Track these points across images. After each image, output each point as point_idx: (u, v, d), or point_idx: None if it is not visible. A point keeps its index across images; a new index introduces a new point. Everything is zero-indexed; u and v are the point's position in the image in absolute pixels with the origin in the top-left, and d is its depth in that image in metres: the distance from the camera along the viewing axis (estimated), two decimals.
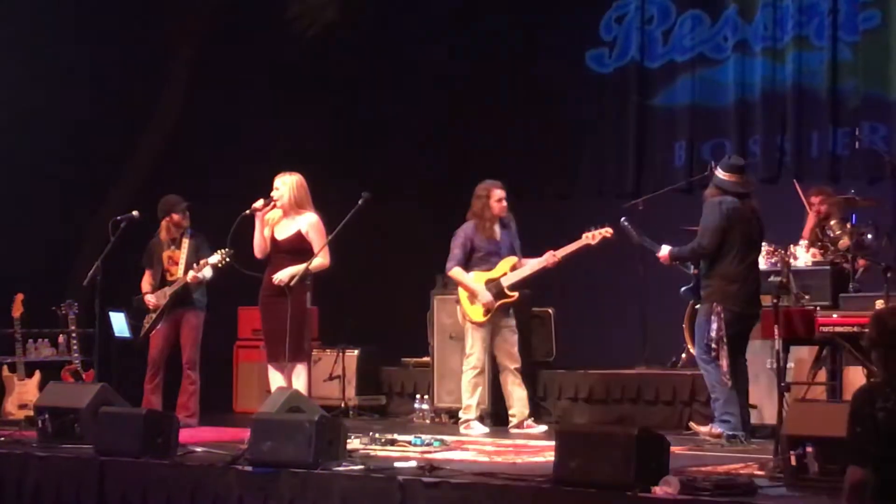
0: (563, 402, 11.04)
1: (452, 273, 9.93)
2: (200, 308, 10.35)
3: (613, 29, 13.14)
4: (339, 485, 6.78)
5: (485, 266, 9.91)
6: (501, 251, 9.98)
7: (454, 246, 9.93)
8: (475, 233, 9.91)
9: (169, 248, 10.36)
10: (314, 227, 9.29)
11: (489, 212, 9.90)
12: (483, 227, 9.90)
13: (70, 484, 7.73)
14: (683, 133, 12.68)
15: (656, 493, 5.89)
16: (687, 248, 8.95)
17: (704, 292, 8.79)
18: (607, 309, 12.33)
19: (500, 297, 9.89)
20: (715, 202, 8.80)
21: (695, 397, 10.20)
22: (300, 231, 9.30)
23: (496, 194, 9.95)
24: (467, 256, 9.91)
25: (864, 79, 11.79)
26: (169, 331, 10.31)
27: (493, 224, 9.93)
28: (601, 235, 9.86)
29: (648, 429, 6.40)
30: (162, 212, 10.36)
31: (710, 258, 8.76)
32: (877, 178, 11.20)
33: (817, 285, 9.51)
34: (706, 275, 8.80)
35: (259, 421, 7.35)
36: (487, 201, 9.92)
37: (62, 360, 11.24)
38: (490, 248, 9.92)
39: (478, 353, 9.93)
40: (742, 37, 12.36)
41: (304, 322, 9.19)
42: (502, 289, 9.89)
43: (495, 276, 9.89)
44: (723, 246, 8.71)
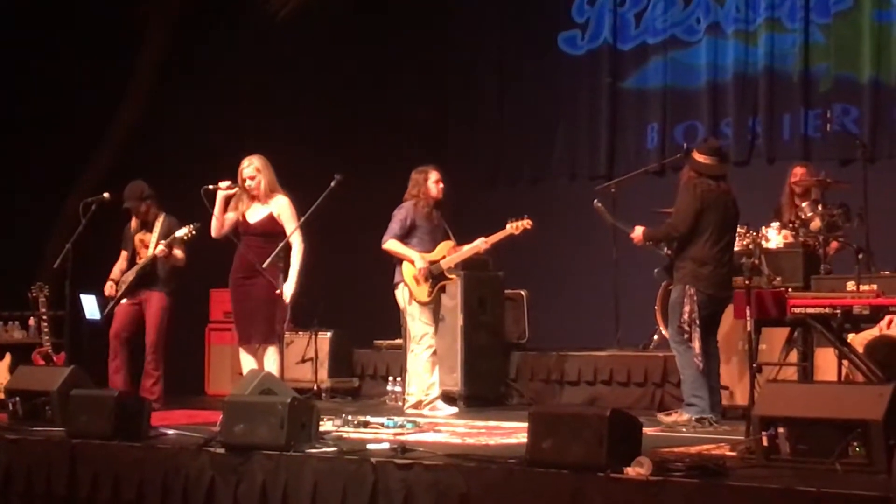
0: (535, 383, 11.08)
1: (388, 245, 9.99)
2: (165, 291, 10.26)
3: (586, 11, 13.14)
4: (312, 467, 6.76)
5: (423, 247, 10.01)
6: (437, 235, 10.09)
7: (393, 221, 10.03)
8: (418, 212, 9.99)
9: (141, 232, 10.33)
10: (284, 209, 9.31)
11: (428, 193, 10.01)
12: (421, 207, 9.99)
13: (41, 467, 7.68)
14: (656, 115, 12.70)
15: (628, 473, 5.89)
16: (661, 230, 8.94)
17: (677, 274, 8.79)
18: (580, 291, 12.35)
19: (441, 279, 10.00)
20: (690, 184, 8.80)
21: (667, 379, 10.24)
22: (272, 214, 9.30)
23: (433, 176, 10.08)
24: (406, 234, 10.00)
25: (835, 61, 11.82)
26: (132, 311, 10.23)
27: (430, 205, 10.03)
28: (523, 227, 9.98)
29: (621, 410, 6.40)
30: (128, 199, 10.29)
31: (684, 240, 8.75)
32: (848, 160, 11.24)
33: (789, 267, 9.56)
34: (679, 256, 8.79)
35: (231, 403, 7.32)
36: (425, 182, 10.03)
37: (33, 343, 11.19)
38: (429, 227, 10.05)
39: (430, 332, 10.01)
40: (714, 19, 12.37)
41: (275, 304, 9.18)
42: (442, 270, 10.00)
43: (436, 258, 10.00)
44: (697, 228, 8.70)
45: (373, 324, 11.82)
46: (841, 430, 5.99)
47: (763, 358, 8.39)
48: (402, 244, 9.98)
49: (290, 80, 13.54)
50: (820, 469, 5.92)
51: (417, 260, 9.93)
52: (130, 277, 10.19)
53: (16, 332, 11.73)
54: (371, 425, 8.44)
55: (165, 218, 10.28)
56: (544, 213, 10.25)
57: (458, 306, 10.71)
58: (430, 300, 9.99)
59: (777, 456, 6.18)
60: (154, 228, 10.27)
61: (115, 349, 10.23)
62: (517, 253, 10.72)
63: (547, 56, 13.24)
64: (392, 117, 13.45)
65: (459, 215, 10.51)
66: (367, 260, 10.52)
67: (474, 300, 10.86)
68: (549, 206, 12.10)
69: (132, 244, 10.34)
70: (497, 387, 11.03)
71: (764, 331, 8.04)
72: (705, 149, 8.97)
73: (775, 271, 9.17)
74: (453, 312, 10.68)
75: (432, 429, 8.51)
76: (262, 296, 9.11)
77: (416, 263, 9.93)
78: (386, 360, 11.70)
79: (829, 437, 6.00)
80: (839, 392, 6.52)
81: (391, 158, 12.30)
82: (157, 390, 10.10)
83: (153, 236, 10.22)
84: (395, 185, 10.31)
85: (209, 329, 12.32)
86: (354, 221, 11.62)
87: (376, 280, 10.48)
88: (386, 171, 11.46)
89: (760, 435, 6.24)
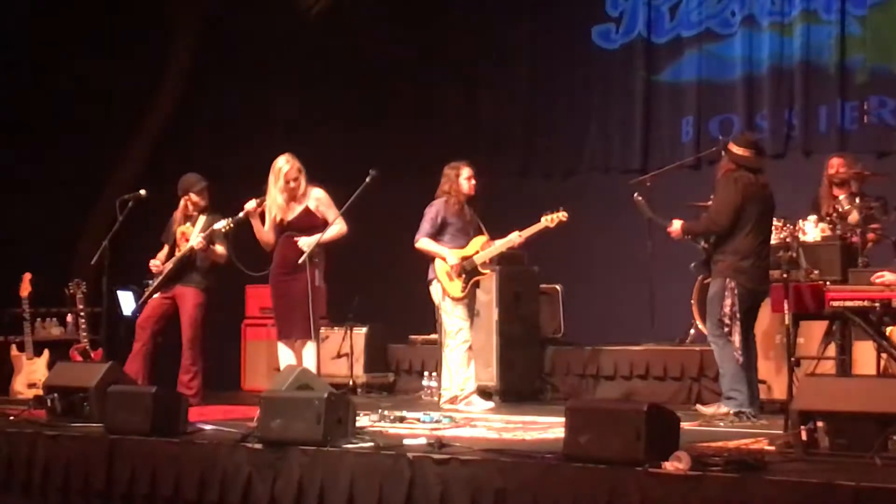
0: (571, 378, 11.06)
1: (420, 244, 10.03)
2: (200, 288, 10.24)
3: (620, 4, 13.08)
4: (349, 462, 6.77)
5: (456, 243, 10.01)
6: (469, 230, 10.06)
7: (424, 219, 10.06)
8: (448, 208, 9.98)
9: (184, 225, 10.30)
10: (322, 200, 9.42)
11: (459, 189, 10.00)
12: (452, 204, 9.97)
13: (79, 463, 7.72)
14: (691, 109, 12.63)
15: (666, 468, 5.87)
16: (701, 224, 8.89)
17: (716, 267, 8.75)
18: (615, 285, 12.31)
19: (475, 274, 10.00)
20: (730, 177, 8.75)
21: (703, 373, 10.21)
22: (308, 207, 9.40)
23: (465, 172, 10.06)
24: (438, 231, 10.02)
25: (872, 53, 11.72)
26: (164, 305, 10.22)
27: (462, 201, 10.02)
28: (558, 219, 9.94)
29: (658, 404, 6.38)
30: (181, 190, 10.29)
31: (724, 233, 8.70)
32: (885, 152, 11.16)
33: (826, 259, 9.50)
34: (719, 250, 8.75)
35: (268, 399, 7.33)
36: (457, 179, 10.02)
37: (70, 340, 11.26)
38: (461, 224, 10.04)
39: (466, 327, 10.01)
40: (749, 11, 12.29)
41: (316, 300, 9.22)
42: (476, 266, 9.99)
43: (468, 253, 9.99)
44: (737, 221, 8.67)
45: (408, 319, 11.82)
46: (880, 423, 5.97)
47: (801, 352, 8.35)
48: (433, 242, 9.98)
49: (320, 73, 13.56)
50: (859, 463, 5.89)
51: (449, 256, 9.93)
52: (167, 269, 10.19)
53: (53, 328, 11.80)
54: (407, 420, 8.44)
55: (209, 214, 10.27)
56: (578, 207, 10.20)
57: (493, 301, 10.70)
58: (464, 296, 9.99)
59: (816, 450, 6.16)
60: (197, 222, 10.27)
61: (138, 336, 10.21)
62: (552, 247, 10.69)
63: (581, 49, 13.19)
64: (425, 110, 13.45)
65: (492, 209, 10.50)
66: (401, 255, 10.52)
67: (509, 295, 10.85)
68: (582, 200, 12.04)
69: (174, 237, 10.35)
70: (532, 381, 11.02)
71: (802, 324, 8.01)
72: (742, 141, 8.93)
73: (813, 264, 9.13)
74: (488, 307, 10.68)
75: (468, 424, 8.50)
76: (302, 291, 9.17)
77: (448, 260, 9.93)
78: (421, 355, 11.71)
79: (868, 431, 5.98)
80: (878, 386, 6.49)
81: (425, 152, 12.30)
82: (195, 385, 10.12)
83: (195, 230, 10.22)
84: (430, 178, 10.31)
85: (245, 325, 12.35)
86: (389, 216, 11.61)
87: (411, 275, 10.48)
88: (420, 165, 11.47)
89: (799, 429, 6.22)
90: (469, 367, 10.01)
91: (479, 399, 10.01)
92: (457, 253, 9.97)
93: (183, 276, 10.20)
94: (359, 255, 10.91)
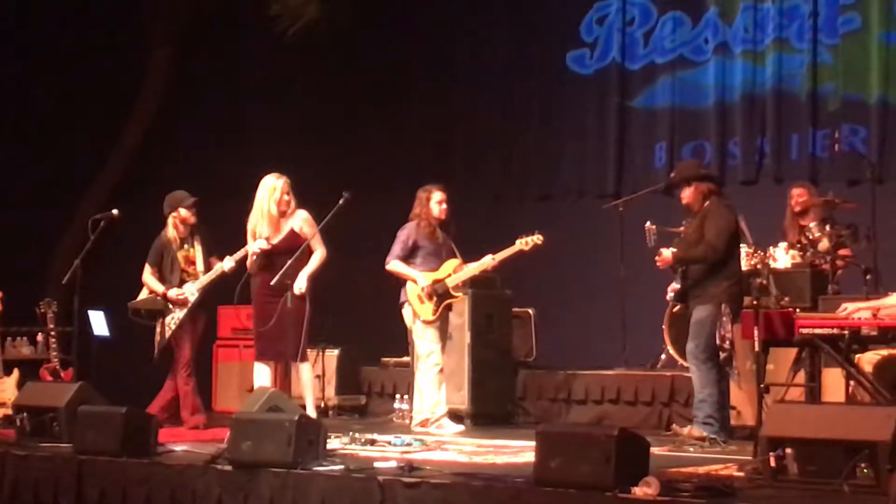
0: (542, 402, 11.06)
1: (391, 266, 10.06)
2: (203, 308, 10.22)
3: (594, 30, 13.15)
4: (319, 484, 6.77)
5: (427, 266, 10.03)
6: (442, 253, 10.08)
7: (396, 242, 10.09)
8: (420, 231, 10.02)
9: (183, 248, 10.07)
10: (307, 221, 9.47)
11: (430, 213, 10.04)
12: (424, 227, 10.01)
13: (48, 483, 7.70)
14: (664, 134, 12.70)
15: (636, 493, 5.89)
16: (698, 252, 8.78)
17: (707, 293, 8.72)
18: (587, 309, 12.34)
19: (446, 297, 10.00)
20: (724, 203, 8.82)
21: (674, 398, 10.23)
22: (292, 229, 9.44)
23: (436, 196, 10.08)
24: (409, 254, 10.04)
25: (843, 81, 11.82)
26: (194, 326, 10.09)
27: (433, 224, 10.05)
28: (533, 242, 9.96)
29: (628, 429, 6.40)
30: (168, 207, 10.06)
31: (719, 260, 8.71)
32: (856, 180, 11.22)
33: (797, 287, 9.55)
34: (710, 276, 8.73)
35: (239, 420, 7.33)
36: (427, 203, 10.05)
37: (41, 359, 11.21)
38: (432, 247, 10.06)
39: (437, 350, 10.02)
40: (722, 39, 12.38)
41: (305, 321, 9.32)
42: (448, 289, 10.00)
43: (440, 276, 10.01)
44: (732, 248, 8.73)
45: (380, 341, 11.81)
46: (848, 450, 6.00)
47: (770, 378, 8.37)
48: (404, 264, 10.01)
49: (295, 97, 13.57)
50: (827, 490, 5.93)
51: (420, 279, 9.95)
52: (192, 299, 9.96)
53: (24, 347, 11.74)
54: (378, 443, 8.45)
55: (200, 231, 10.11)
56: (551, 231, 10.22)
57: (465, 324, 10.71)
58: (436, 319, 10.00)
59: (785, 476, 6.19)
60: (194, 244, 10.09)
61: (189, 370, 10.01)
62: (525, 271, 10.72)
63: (556, 74, 13.26)
64: (399, 133, 13.46)
65: (466, 232, 10.52)
66: (374, 277, 10.54)
67: (482, 318, 10.85)
68: (556, 224, 12.06)
69: (174, 260, 10.07)
70: (504, 405, 11.01)
71: (771, 351, 8.03)
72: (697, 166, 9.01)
73: (783, 291, 9.17)
74: (461, 330, 10.68)
75: (439, 447, 8.51)
76: (293, 314, 9.19)
77: (418, 282, 9.95)
78: (393, 377, 11.70)
79: (837, 458, 6.01)
80: (847, 413, 6.52)
81: (399, 175, 12.33)
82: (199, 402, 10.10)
83: (198, 254, 10.05)
84: (404, 201, 10.33)
85: (217, 346, 12.31)
86: (362, 239, 11.62)
87: (384, 297, 10.49)
88: (394, 188, 11.49)
89: (768, 455, 6.24)
90: (440, 391, 10.02)
91: (450, 422, 10.01)
92: (428, 276, 9.99)
93: (206, 299, 10.11)
94: (331, 276, 10.88)
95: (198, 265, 10.04)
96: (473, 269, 10.12)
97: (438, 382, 10.02)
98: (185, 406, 9.98)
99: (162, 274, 10.04)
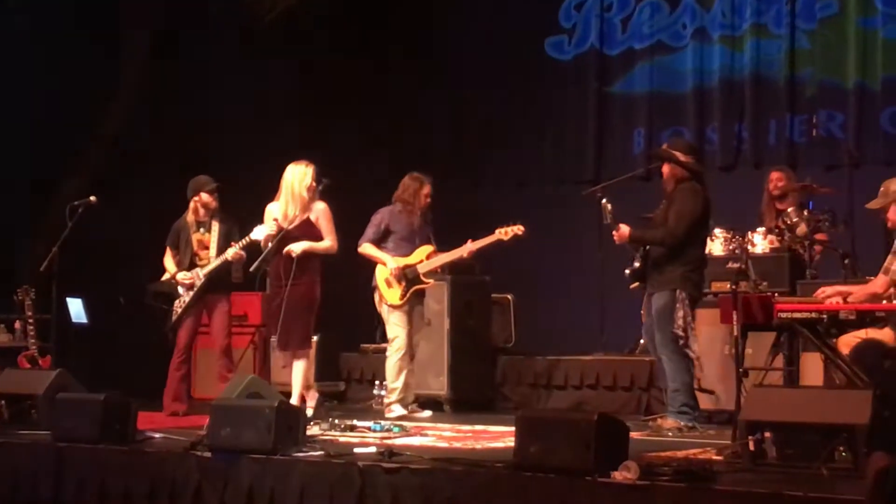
0: (522, 387, 11.09)
1: (362, 249, 10.10)
2: (228, 294, 10.22)
3: (573, 16, 13.16)
4: (299, 470, 6.76)
5: (400, 251, 10.05)
6: (415, 239, 10.07)
7: (370, 225, 10.14)
8: (395, 216, 10.03)
9: (199, 232, 10.12)
10: (324, 213, 9.42)
11: (418, 200, 10.04)
12: (405, 212, 10.03)
13: (27, 470, 7.67)
14: (642, 120, 12.72)
15: (616, 478, 5.91)
16: (656, 234, 8.72)
17: (663, 277, 8.68)
18: (566, 295, 12.36)
19: (416, 283, 10.00)
20: (695, 188, 8.71)
21: (653, 383, 10.25)
22: (308, 218, 9.40)
23: (426, 189, 10.09)
24: (382, 238, 10.07)
25: (821, 67, 11.85)
26: (199, 316, 10.15)
27: (417, 212, 10.06)
28: (513, 233, 9.94)
29: (608, 414, 6.41)
30: (191, 191, 10.12)
31: (677, 245, 8.66)
32: (834, 165, 11.26)
33: (775, 271, 9.58)
34: (667, 260, 8.67)
35: (218, 407, 7.32)
36: (419, 191, 10.05)
37: (18, 347, 11.15)
38: (405, 233, 10.07)
39: (402, 335, 10.01)
40: (700, 24, 12.41)
41: (311, 311, 9.30)
42: (418, 275, 10.01)
43: (412, 262, 10.01)
44: (694, 234, 8.68)
45: (359, 328, 11.81)
46: (827, 434, 6.02)
47: (749, 362, 8.40)
48: (375, 248, 10.00)
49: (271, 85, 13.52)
50: (806, 473, 5.94)
51: (389, 262, 9.94)
52: (199, 283, 10.01)
53: (1, 335, 11.68)
54: (358, 429, 8.44)
55: (223, 223, 10.14)
56: (530, 218, 10.22)
57: (444, 311, 10.72)
58: (402, 303, 9.98)
59: (763, 460, 6.20)
60: (211, 229, 10.12)
61: (184, 359, 10.14)
62: (504, 257, 10.72)
63: (534, 61, 13.25)
64: (376, 120, 13.43)
65: (444, 218, 10.52)
66: (353, 263, 10.51)
67: (461, 305, 10.86)
68: (535, 211, 12.09)
69: (188, 243, 10.13)
70: (484, 391, 11.03)
71: (750, 335, 8.05)
72: (685, 148, 8.94)
73: (761, 276, 9.19)
74: (440, 317, 10.69)
75: (419, 433, 8.51)
76: (298, 303, 9.19)
77: (387, 265, 9.93)
78: (372, 364, 11.68)
79: (816, 442, 6.03)
80: (825, 397, 6.55)
81: (378, 162, 12.31)
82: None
83: (213, 239, 10.09)
84: (382, 187, 10.32)
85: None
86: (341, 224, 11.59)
87: (363, 284, 10.48)
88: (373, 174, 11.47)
89: (747, 439, 6.26)
90: (399, 378, 10.00)
91: (399, 407, 9.98)
92: (399, 260, 9.98)
93: (214, 286, 10.08)
94: None
95: (211, 250, 10.05)
96: (446, 256, 10.11)
97: (398, 369, 10.00)
98: (169, 391, 10.00)
99: (180, 257, 10.13)
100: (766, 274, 9.36)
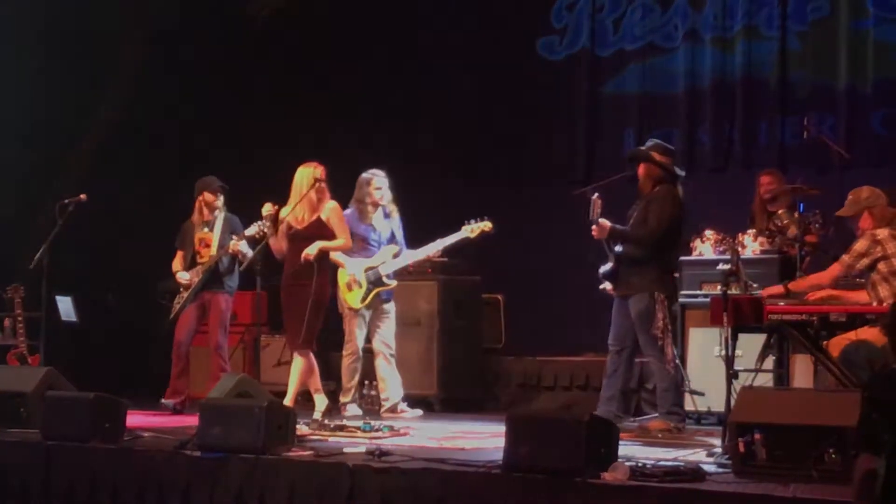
0: (512, 388, 11.09)
1: None
2: (230, 292, 10.27)
3: (564, 17, 13.15)
4: (289, 470, 6.76)
5: (363, 253, 10.00)
6: (381, 239, 10.08)
7: None
8: (353, 219, 10.01)
9: (201, 230, 10.23)
10: (336, 212, 9.45)
11: (369, 198, 10.04)
12: (362, 212, 10.01)
13: (16, 469, 7.66)
14: (633, 121, 12.71)
15: (605, 479, 5.92)
16: (638, 233, 8.73)
17: (639, 280, 8.69)
18: (556, 295, 12.34)
19: (378, 285, 9.98)
20: (674, 191, 8.73)
21: (643, 384, 10.26)
22: (319, 217, 9.41)
23: (376, 182, 10.07)
24: None
25: (812, 68, 11.85)
26: (196, 313, 10.21)
27: (372, 210, 10.03)
28: (480, 229, 9.93)
29: (598, 415, 6.41)
30: (196, 190, 10.25)
31: (653, 247, 8.67)
32: (825, 167, 11.25)
33: (765, 273, 9.58)
34: (645, 262, 8.67)
35: (208, 406, 7.31)
36: (368, 188, 10.06)
37: (8, 345, 11.14)
38: (366, 234, 10.05)
39: (356, 339, 10.01)
40: (692, 26, 12.39)
41: (319, 310, 9.29)
42: (380, 276, 9.98)
43: (374, 263, 9.96)
44: (671, 236, 8.68)
45: None
46: (816, 436, 6.03)
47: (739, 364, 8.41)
48: None
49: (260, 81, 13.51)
50: (796, 475, 5.95)
51: (348, 265, 9.94)
52: (195, 279, 10.12)
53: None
54: (347, 429, 8.44)
55: (227, 221, 10.20)
56: (520, 217, 10.23)
57: (434, 310, 10.71)
58: (363, 306, 9.97)
59: (753, 462, 6.21)
60: (214, 228, 10.20)
61: (181, 355, 10.21)
62: (494, 257, 10.72)
63: (525, 61, 13.24)
64: (366, 118, 13.41)
65: (434, 217, 10.50)
66: None
67: (450, 304, 10.86)
68: (525, 210, 12.09)
69: (191, 242, 10.22)
70: (474, 391, 11.03)
71: (740, 337, 8.06)
72: (661, 149, 8.95)
73: (752, 278, 9.19)
74: (430, 316, 10.69)
75: (409, 433, 8.51)
76: (307, 301, 9.18)
77: (346, 269, 9.92)
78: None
79: (805, 444, 6.04)
80: (815, 398, 6.56)
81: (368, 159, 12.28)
82: None
83: (214, 237, 10.15)
84: None
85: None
86: None
87: None
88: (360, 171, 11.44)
89: (737, 441, 6.26)
90: (353, 379, 10.01)
91: (355, 407, 9.99)
92: (359, 262, 9.95)
93: (212, 283, 10.13)
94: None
95: (212, 249, 10.11)
96: (413, 255, 10.09)
97: (353, 371, 10.03)
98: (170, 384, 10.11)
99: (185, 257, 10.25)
100: (756, 276, 9.36)
